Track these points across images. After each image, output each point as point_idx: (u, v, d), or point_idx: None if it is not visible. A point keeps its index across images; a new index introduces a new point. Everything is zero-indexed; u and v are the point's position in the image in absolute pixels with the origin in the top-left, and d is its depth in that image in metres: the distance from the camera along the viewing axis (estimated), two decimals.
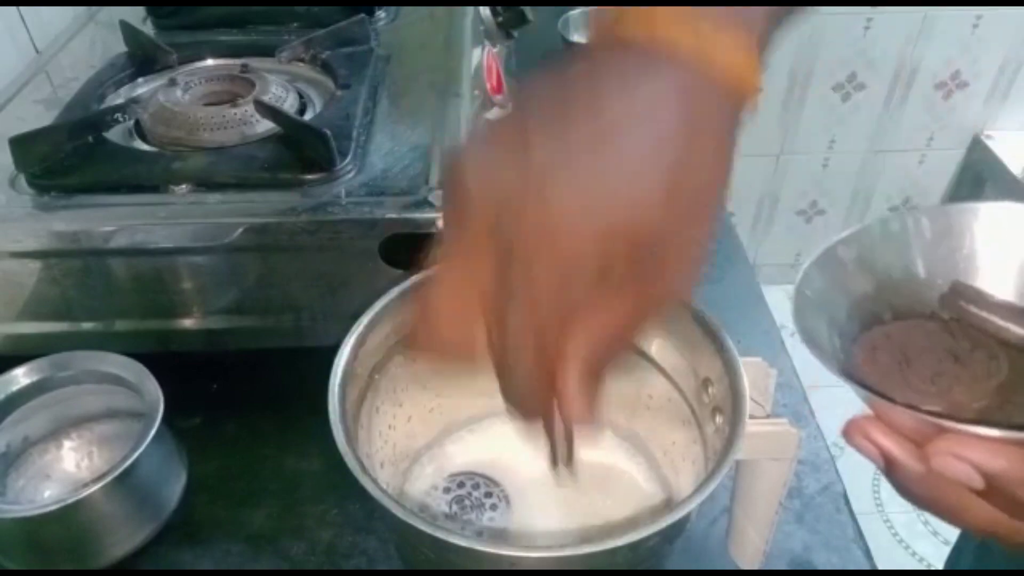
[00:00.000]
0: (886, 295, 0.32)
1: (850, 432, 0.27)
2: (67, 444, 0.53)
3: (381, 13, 0.75)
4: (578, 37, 0.98)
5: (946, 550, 0.68)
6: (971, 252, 0.32)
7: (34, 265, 0.52)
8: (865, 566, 0.48)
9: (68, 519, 0.44)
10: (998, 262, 0.32)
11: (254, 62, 0.66)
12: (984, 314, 0.31)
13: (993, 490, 0.24)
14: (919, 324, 0.31)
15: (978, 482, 0.24)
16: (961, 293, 0.31)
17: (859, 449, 0.27)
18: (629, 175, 0.24)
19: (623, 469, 0.48)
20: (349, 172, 0.54)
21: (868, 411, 0.27)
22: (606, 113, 0.24)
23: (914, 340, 0.30)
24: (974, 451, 0.24)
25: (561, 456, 0.32)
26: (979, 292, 0.31)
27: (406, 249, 0.51)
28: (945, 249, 0.32)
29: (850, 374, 0.29)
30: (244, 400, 0.57)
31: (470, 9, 0.75)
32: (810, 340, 0.29)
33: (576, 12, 1.00)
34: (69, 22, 0.80)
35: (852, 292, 0.32)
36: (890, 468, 0.27)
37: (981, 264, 0.32)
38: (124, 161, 0.56)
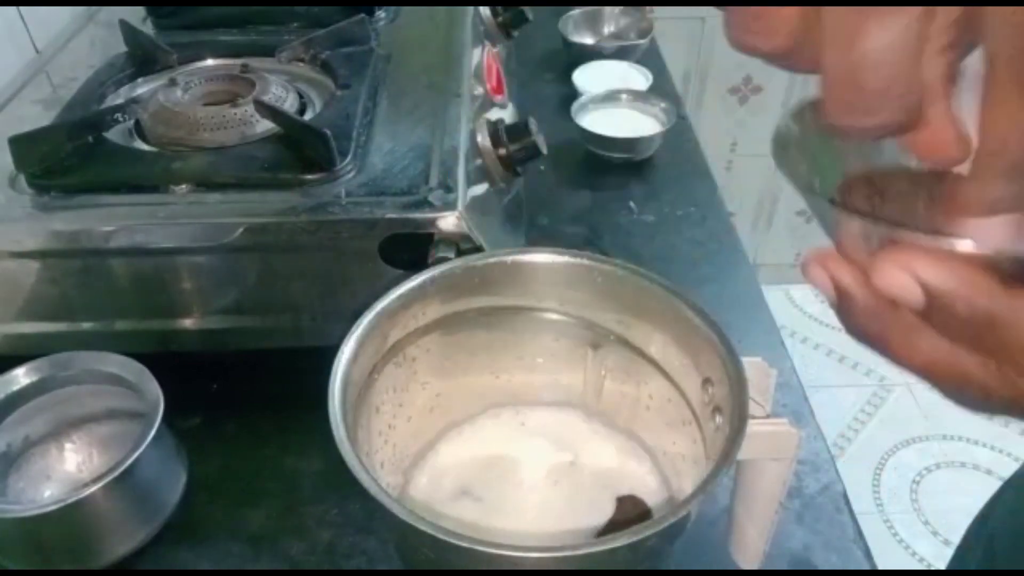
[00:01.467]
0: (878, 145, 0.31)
1: (807, 263, 0.26)
2: (67, 444, 0.53)
3: (381, 13, 0.75)
4: (578, 37, 0.98)
5: (946, 550, 0.68)
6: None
7: (34, 265, 0.52)
8: (865, 566, 0.48)
9: (68, 519, 0.44)
10: None
11: (254, 62, 0.66)
12: None
13: (934, 310, 0.23)
14: (904, 172, 0.30)
15: (918, 296, 0.23)
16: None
17: (813, 280, 0.26)
18: None
19: (623, 469, 0.48)
20: (349, 172, 0.54)
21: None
22: None
23: (894, 183, 0.30)
24: (919, 262, 0.23)
25: None
26: None
27: (406, 249, 0.51)
28: None
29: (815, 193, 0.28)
30: (244, 400, 0.57)
31: (470, 9, 0.75)
32: (783, 164, 0.28)
33: (576, 12, 1.00)
34: (69, 22, 0.81)
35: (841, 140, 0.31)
36: (841, 301, 0.26)
37: None
38: (124, 161, 0.56)
